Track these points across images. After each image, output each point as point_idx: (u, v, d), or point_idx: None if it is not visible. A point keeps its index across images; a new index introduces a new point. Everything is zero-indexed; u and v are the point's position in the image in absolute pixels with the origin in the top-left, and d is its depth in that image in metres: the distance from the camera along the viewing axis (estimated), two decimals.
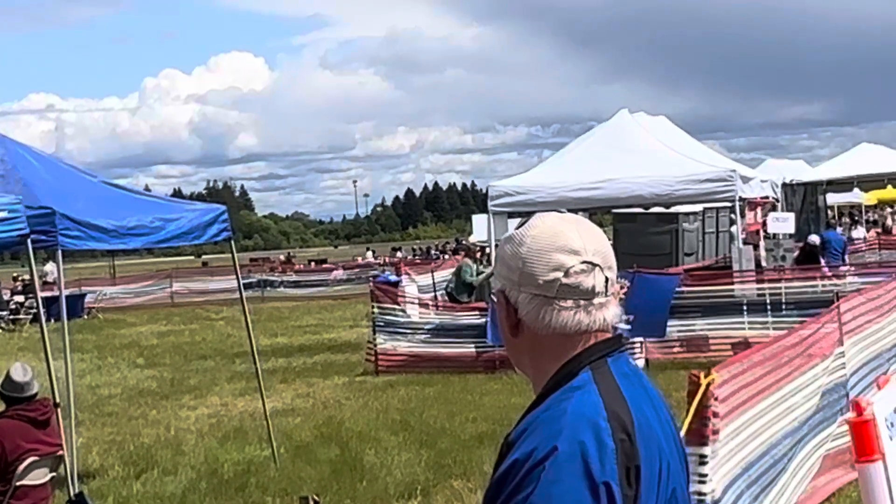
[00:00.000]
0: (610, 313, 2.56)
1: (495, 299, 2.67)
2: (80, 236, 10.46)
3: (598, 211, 25.21)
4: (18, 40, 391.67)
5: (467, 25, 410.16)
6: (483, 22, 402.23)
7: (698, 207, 29.34)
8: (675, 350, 19.34)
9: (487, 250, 22.62)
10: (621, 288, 16.88)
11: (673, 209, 27.35)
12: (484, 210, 23.08)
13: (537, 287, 2.53)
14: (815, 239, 24.73)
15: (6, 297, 40.62)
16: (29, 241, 9.60)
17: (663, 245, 29.01)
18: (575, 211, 20.60)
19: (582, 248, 2.53)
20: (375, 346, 20.69)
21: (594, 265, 2.54)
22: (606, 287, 2.55)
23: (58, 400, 9.97)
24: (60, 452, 9.94)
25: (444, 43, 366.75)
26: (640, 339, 18.47)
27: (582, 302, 2.53)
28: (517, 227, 2.64)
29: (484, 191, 26.60)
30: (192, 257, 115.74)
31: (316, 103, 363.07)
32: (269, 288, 48.88)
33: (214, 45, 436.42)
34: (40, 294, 11.14)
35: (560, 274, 2.51)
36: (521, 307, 2.55)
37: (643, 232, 28.87)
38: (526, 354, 2.61)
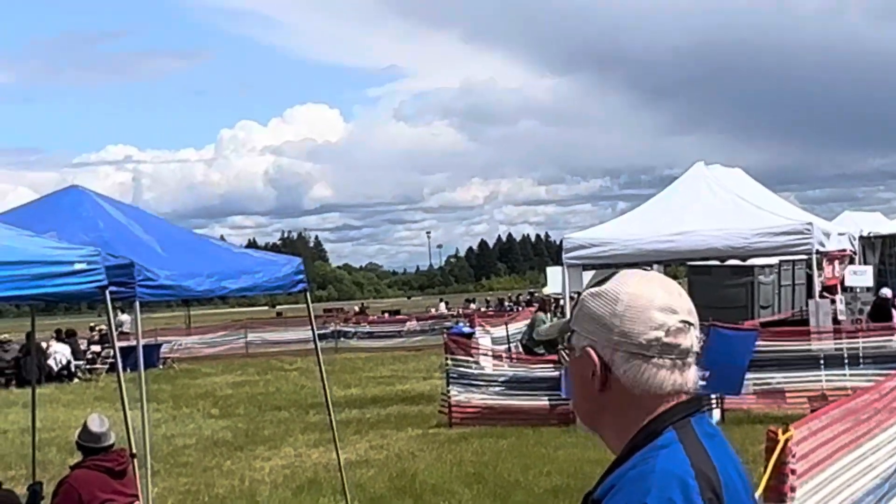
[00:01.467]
0: (695, 372, 2.55)
1: (572, 354, 2.64)
2: (159, 287, 10.56)
3: (671, 263, 25.08)
4: (98, 92, 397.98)
5: (541, 77, 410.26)
6: (557, 73, 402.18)
7: (774, 260, 29.10)
8: (752, 403, 19.14)
9: (562, 302, 22.54)
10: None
11: (748, 262, 27.14)
12: (558, 262, 23.03)
13: (637, 346, 2.51)
14: (886, 292, 24.42)
15: (83, 347, 41.02)
16: (107, 292, 9.69)
17: (739, 298, 28.81)
18: (650, 263, 20.55)
19: (679, 306, 2.54)
20: (449, 397, 20.65)
21: (690, 324, 2.54)
22: (697, 346, 2.55)
23: (134, 450, 10.04)
24: (137, 503, 9.99)
25: (517, 94, 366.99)
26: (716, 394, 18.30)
27: (678, 361, 2.52)
28: (595, 282, 2.63)
29: (557, 242, 26.57)
30: (266, 308, 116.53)
31: (390, 154, 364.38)
32: (342, 339, 49.01)
33: (290, 97, 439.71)
34: (116, 345, 11.20)
35: (661, 333, 2.50)
36: (616, 365, 2.53)
37: (718, 284, 28.70)
38: (609, 411, 2.58)
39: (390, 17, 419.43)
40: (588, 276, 21.46)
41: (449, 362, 21.02)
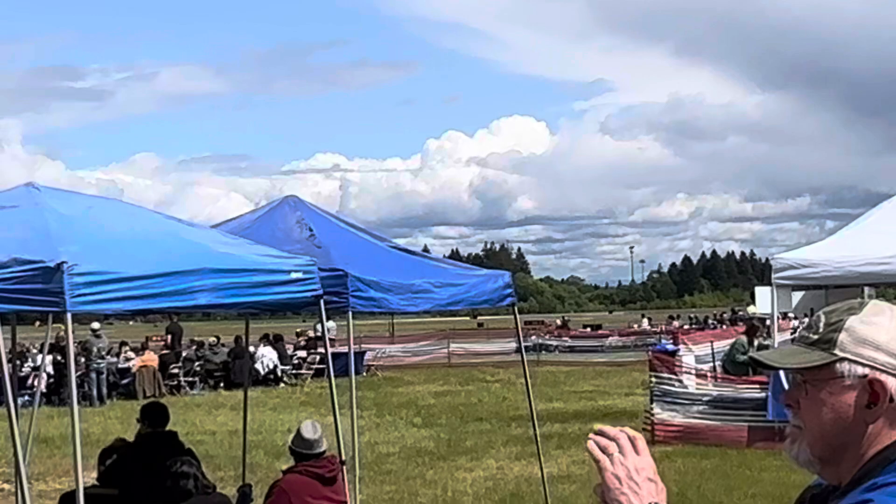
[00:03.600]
0: None
1: (833, 383, 2.57)
2: (370, 298, 10.75)
3: (882, 286, 24.39)
4: (309, 102, 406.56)
5: (751, 93, 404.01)
6: (767, 89, 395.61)
7: None
8: None
9: (768, 322, 22.14)
10: None
11: None
12: (763, 280, 22.65)
13: None
14: None
15: (289, 353, 41.89)
16: (321, 301, 9.91)
17: None
18: (861, 286, 20.03)
19: None
20: (652, 415, 20.49)
21: None
22: None
23: (343, 457, 10.22)
24: None
25: (726, 110, 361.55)
26: None
27: None
28: (848, 307, 2.58)
29: (763, 260, 26.24)
30: (467, 318, 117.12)
31: (595, 168, 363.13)
32: (544, 352, 49.03)
33: (497, 108, 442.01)
34: (329, 351, 11.41)
35: None
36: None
37: None
38: (862, 440, 2.53)
39: (598, 31, 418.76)
40: (797, 296, 21.04)
41: (653, 379, 20.86)
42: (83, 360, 31.79)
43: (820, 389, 2.55)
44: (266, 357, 39.10)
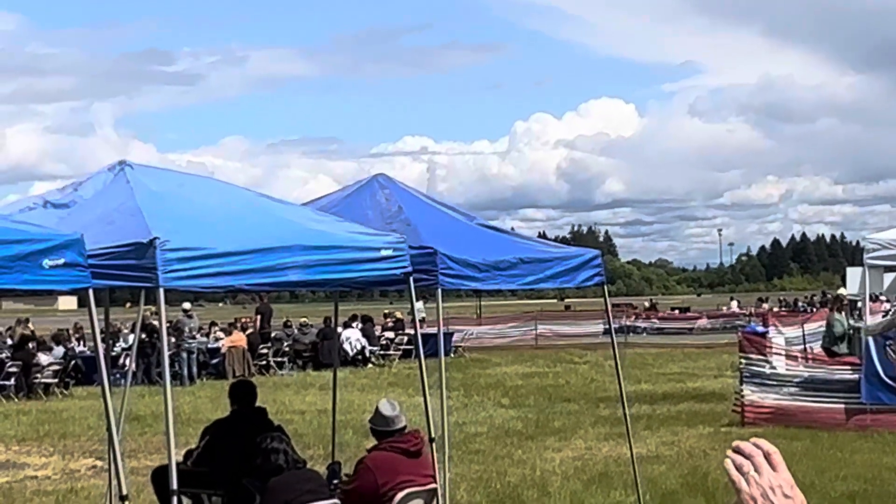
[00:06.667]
0: None
1: None
2: (459, 276, 10.73)
3: None
4: (398, 85, 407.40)
5: (843, 74, 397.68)
6: (860, 70, 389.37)
7: None
8: None
9: (859, 304, 21.89)
10: None
11: None
12: (853, 263, 22.36)
13: None
14: None
15: (378, 333, 42.07)
16: (411, 279, 9.92)
17: None
18: None
19: None
20: (742, 396, 20.30)
21: None
22: None
23: (433, 435, 10.24)
24: (434, 485, 10.17)
25: (817, 92, 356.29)
26: None
27: None
28: None
29: (854, 243, 25.90)
30: (554, 301, 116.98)
31: (684, 150, 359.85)
32: (632, 334, 48.89)
33: (585, 91, 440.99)
34: (419, 331, 11.42)
35: None
36: None
37: None
38: None
39: (688, 13, 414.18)
40: (889, 278, 20.77)
41: (742, 361, 20.68)
42: (174, 339, 32.13)
43: None
44: (354, 338, 39.28)
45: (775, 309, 61.28)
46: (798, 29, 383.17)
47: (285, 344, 38.80)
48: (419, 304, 41.58)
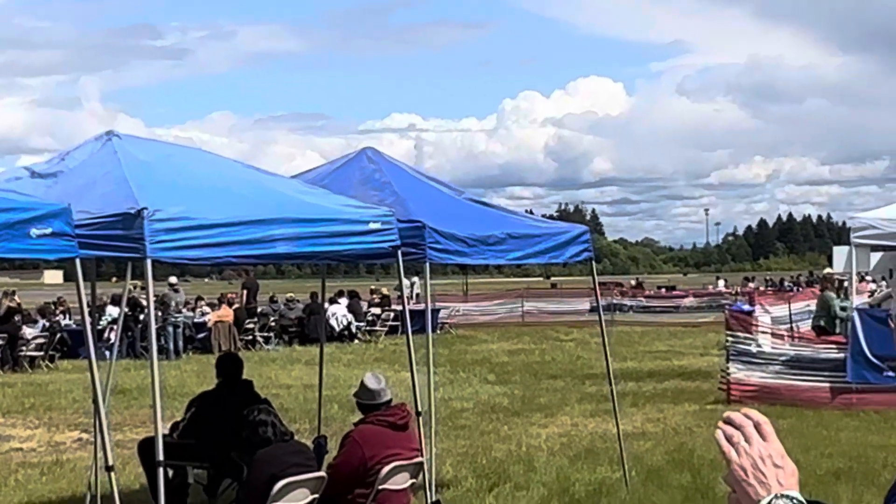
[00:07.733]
0: None
1: None
2: (447, 250, 10.71)
3: None
4: (386, 61, 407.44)
5: (832, 55, 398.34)
6: (848, 51, 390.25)
7: None
8: None
9: (845, 283, 21.93)
10: None
11: None
12: (840, 243, 22.40)
13: None
14: None
15: (364, 309, 42.05)
16: (399, 252, 9.90)
17: None
18: None
19: None
20: (728, 374, 20.34)
21: None
22: None
23: (419, 409, 10.23)
24: (420, 459, 10.17)
25: (805, 72, 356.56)
26: None
27: None
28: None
29: (840, 224, 25.95)
30: (540, 278, 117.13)
31: (671, 130, 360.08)
32: (618, 312, 48.93)
33: (574, 69, 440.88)
34: (406, 306, 11.40)
35: None
36: None
37: None
38: None
39: None
40: (875, 257, 20.80)
41: (729, 339, 20.71)
42: (160, 313, 32.07)
43: None
44: (340, 314, 39.26)
45: (761, 288, 61.42)
46: (787, 9, 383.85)
47: (271, 319, 38.76)
48: (414, 279, 41.74)
